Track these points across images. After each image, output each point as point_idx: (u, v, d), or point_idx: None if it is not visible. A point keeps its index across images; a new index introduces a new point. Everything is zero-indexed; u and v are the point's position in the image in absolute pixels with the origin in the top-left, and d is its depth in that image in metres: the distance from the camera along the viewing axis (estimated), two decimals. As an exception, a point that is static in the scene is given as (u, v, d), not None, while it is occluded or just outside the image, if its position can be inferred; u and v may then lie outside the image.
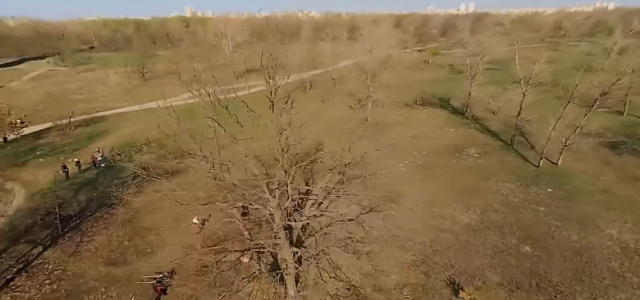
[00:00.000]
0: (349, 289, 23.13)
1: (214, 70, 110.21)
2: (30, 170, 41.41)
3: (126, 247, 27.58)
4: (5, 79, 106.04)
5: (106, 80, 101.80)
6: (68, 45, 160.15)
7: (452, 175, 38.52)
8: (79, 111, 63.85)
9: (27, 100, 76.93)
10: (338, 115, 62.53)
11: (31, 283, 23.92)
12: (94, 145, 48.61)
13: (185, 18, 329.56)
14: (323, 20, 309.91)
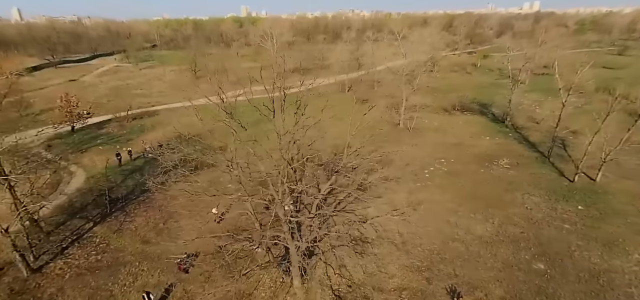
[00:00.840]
0: (350, 286, 24.28)
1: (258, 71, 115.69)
2: (91, 156, 47.34)
3: (160, 230, 31.11)
4: (79, 73, 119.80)
5: (163, 76, 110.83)
6: (133, 44, 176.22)
7: (476, 185, 37.81)
8: (136, 105, 70.97)
9: (95, 93, 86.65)
10: (372, 118, 63.02)
11: (81, 253, 28.10)
12: (146, 137, 54.13)
13: (239, 18, 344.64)
14: (373, 20, 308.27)
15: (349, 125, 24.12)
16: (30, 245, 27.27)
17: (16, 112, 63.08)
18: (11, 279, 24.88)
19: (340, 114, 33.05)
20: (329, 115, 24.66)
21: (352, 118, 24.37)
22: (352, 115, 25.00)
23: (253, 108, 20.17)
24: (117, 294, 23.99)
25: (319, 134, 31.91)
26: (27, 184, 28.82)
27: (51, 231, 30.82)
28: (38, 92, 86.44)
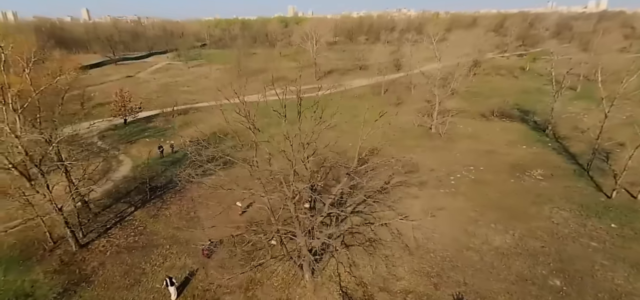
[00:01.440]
0: (358, 285, 25.14)
1: (297, 71, 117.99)
2: (138, 147, 52.06)
3: (190, 218, 33.93)
4: (135, 69, 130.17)
5: (209, 75, 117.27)
6: (185, 43, 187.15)
7: (503, 195, 36.78)
8: (181, 101, 76.34)
9: (147, 89, 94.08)
10: (404, 122, 62.88)
11: (121, 233, 31.57)
12: (187, 132, 58.24)
13: (285, 18, 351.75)
14: (419, 20, 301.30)
15: (367, 127, 24.67)
16: (80, 223, 31.11)
17: (78, 105, 70.60)
18: (62, 252, 28.69)
19: (369, 116, 33.67)
20: (357, 117, 25.52)
21: (364, 121, 24.83)
22: (371, 118, 25.46)
23: (281, 107, 21.48)
24: (148, 271, 26.81)
25: (340, 135, 32.91)
26: (80, 169, 32.88)
27: (98, 212, 34.81)
28: (99, 86, 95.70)
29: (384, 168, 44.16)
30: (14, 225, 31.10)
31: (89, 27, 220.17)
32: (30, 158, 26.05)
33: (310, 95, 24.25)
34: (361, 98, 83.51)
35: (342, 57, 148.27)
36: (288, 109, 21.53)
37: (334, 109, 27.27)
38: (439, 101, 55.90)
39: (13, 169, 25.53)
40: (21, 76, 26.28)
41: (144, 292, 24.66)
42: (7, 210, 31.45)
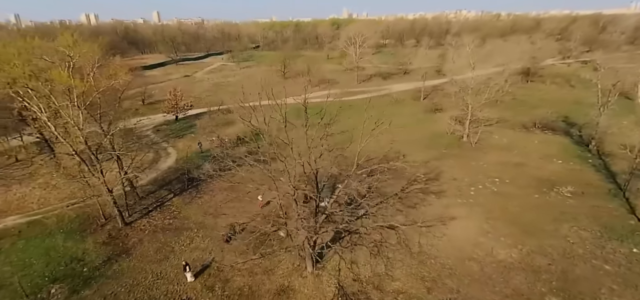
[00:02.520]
0: (355, 281, 27.02)
1: (340, 74, 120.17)
2: (184, 141, 58.02)
3: (218, 207, 37.94)
4: (193, 69, 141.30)
5: (256, 76, 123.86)
6: (239, 44, 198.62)
7: (522, 209, 36.09)
8: (227, 101, 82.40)
9: (200, 88, 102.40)
10: (437, 129, 62.62)
11: (159, 216, 36.42)
12: (228, 130, 63.43)
13: (337, 20, 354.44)
14: (477, 22, 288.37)
15: (415, 136, 26.40)
16: (127, 205, 36.49)
17: (140, 102, 79.62)
18: (111, 227, 34.02)
19: (406, 122, 34.95)
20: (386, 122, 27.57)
21: (422, 128, 26.61)
22: (423, 125, 27.12)
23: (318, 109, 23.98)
24: (176, 250, 31.02)
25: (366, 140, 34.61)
26: (130, 159, 38.37)
27: (144, 197, 40.21)
28: (159, 85, 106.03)
29: (404, 173, 45.42)
30: (75, 202, 37.39)
31: (157, 29, 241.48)
32: (89, 147, 31.45)
33: (348, 100, 26.38)
34: (399, 103, 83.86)
35: (387, 60, 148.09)
36: (315, 112, 23.67)
37: (354, 114, 28.81)
38: (472, 110, 54.92)
39: (76, 155, 31.09)
40: (85, 79, 31.78)
41: (170, 267, 28.75)
42: (71, 190, 37.77)
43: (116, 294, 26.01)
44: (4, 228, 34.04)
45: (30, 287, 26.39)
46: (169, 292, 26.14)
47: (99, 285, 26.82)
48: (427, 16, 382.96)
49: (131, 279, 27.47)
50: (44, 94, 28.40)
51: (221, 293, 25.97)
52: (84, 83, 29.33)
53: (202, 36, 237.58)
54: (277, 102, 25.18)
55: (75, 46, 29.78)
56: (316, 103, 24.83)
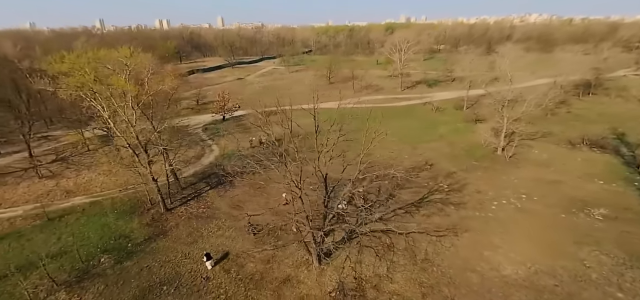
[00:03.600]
0: (355, 279, 28.95)
1: (386, 80, 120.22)
2: (227, 139, 63.48)
3: (246, 201, 41.83)
4: (246, 72, 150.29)
5: (303, 80, 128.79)
6: (292, 49, 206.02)
7: (544, 229, 35.13)
8: (272, 104, 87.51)
9: (249, 90, 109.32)
10: (474, 141, 61.40)
11: (195, 205, 41.27)
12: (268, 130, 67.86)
13: (391, 25, 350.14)
14: (544, 27, 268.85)
15: (450, 146, 28.24)
16: (170, 193, 41.79)
17: (194, 102, 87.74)
18: (154, 212, 39.42)
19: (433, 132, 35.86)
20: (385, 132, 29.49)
21: (460, 138, 28.46)
22: (461, 135, 28.90)
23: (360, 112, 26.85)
24: (205, 236, 35.30)
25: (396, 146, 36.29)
26: (176, 153, 43.81)
27: (185, 187, 45.53)
28: (214, 86, 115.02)
29: (427, 182, 46.00)
30: (127, 188, 43.64)
31: (218, 34, 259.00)
32: (139, 141, 36.98)
33: (387, 106, 28.75)
34: (440, 112, 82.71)
35: (437, 67, 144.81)
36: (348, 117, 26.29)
37: (389, 120, 30.58)
38: (507, 123, 53.34)
39: (129, 147, 36.78)
40: (140, 84, 37.47)
41: (197, 249, 32.97)
42: (126, 178, 44.09)
43: (151, 267, 30.72)
44: (72, 206, 41.09)
45: (86, 255, 32.12)
46: (192, 270, 30.26)
47: (138, 259, 31.78)
48: (488, 20, 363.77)
49: (164, 256, 32.12)
50: (105, 96, 34.24)
51: (235, 276, 29.47)
52: (136, 87, 34.69)
53: (258, 40, 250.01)
54: (303, 107, 27.91)
55: (131, 57, 35.30)
56: (358, 107, 27.16)
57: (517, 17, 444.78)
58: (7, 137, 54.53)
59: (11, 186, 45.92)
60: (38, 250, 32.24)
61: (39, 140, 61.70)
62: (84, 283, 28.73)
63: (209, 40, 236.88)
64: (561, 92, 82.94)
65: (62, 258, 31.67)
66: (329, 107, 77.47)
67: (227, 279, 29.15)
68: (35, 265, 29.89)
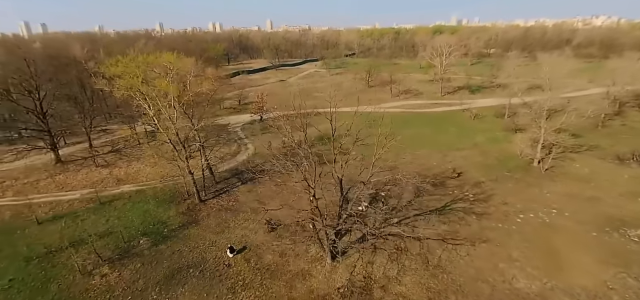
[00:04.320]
0: (364, 278, 30.14)
1: (426, 84, 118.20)
2: (263, 138, 66.92)
3: (271, 197, 44.41)
4: (288, 75, 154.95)
5: (342, 83, 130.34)
6: (335, 51, 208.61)
7: (569, 245, 33.84)
8: (310, 106, 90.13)
9: (288, 92, 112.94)
10: (510, 151, 59.34)
11: (226, 198, 44.65)
12: (297, 133, 70.50)
13: (439, 27, 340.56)
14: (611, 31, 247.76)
15: (482, 156, 29.31)
16: (204, 186, 45.54)
17: (236, 103, 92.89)
18: (190, 202, 43.27)
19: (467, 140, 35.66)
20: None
21: (494, 148, 29.47)
22: (496, 145, 29.86)
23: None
24: (231, 227, 38.32)
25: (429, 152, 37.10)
26: (212, 149, 47.59)
27: (219, 181, 49.21)
28: (256, 87, 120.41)
29: (452, 190, 45.74)
30: (168, 180, 48.15)
31: (264, 37, 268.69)
32: (179, 138, 40.94)
33: (423, 112, 30.27)
34: (478, 119, 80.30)
35: (483, 72, 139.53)
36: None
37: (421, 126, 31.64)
38: (544, 134, 51.12)
39: (170, 143, 40.86)
40: (181, 86, 41.52)
41: (223, 239, 35.99)
42: (168, 170, 48.59)
43: (181, 251, 34.18)
44: (121, 192, 46.29)
45: (128, 236, 36.40)
46: (216, 257, 33.22)
47: (172, 243, 35.43)
48: (547, 23, 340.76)
49: (194, 243, 35.50)
50: (151, 96, 38.47)
51: (254, 265, 31.96)
52: (178, 88, 38.58)
53: (303, 43, 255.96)
54: (318, 111, 29.65)
55: (175, 62, 39.29)
56: (391, 112, 28.70)
57: (580, 20, 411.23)
58: (72, 129, 62.17)
59: (72, 172, 52.59)
60: (89, 230, 37.18)
61: (98, 133, 69.33)
62: (124, 260, 32.76)
63: (257, 42, 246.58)
64: (614, 102, 77.13)
65: (108, 237, 36.21)
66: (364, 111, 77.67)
67: (247, 268, 31.70)
68: (85, 242, 34.60)
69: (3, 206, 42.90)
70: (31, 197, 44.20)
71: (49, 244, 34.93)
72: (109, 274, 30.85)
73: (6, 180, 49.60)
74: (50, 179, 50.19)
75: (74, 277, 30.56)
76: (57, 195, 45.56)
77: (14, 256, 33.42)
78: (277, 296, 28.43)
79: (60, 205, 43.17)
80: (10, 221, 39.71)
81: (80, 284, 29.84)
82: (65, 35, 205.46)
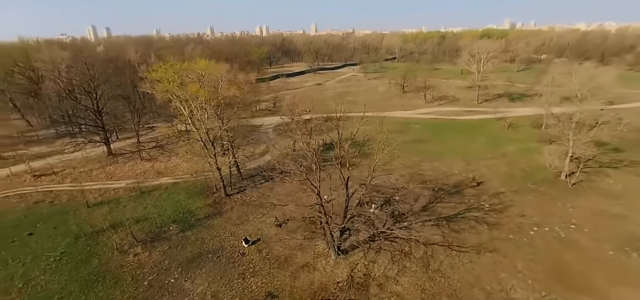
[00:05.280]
0: (364, 275, 32.00)
1: (464, 91, 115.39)
2: (288, 141, 70.37)
3: (289, 196, 47.37)
4: (325, 78, 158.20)
5: (377, 88, 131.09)
6: (375, 56, 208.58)
7: (580, 262, 33.15)
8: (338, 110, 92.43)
9: (323, 96, 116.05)
10: (540, 163, 57.56)
11: (249, 193, 48.39)
12: (327, 135, 73.08)
13: (488, 31, 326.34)
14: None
15: (510, 167, 31.05)
16: (231, 182, 49.66)
17: (272, 105, 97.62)
18: (216, 196, 47.52)
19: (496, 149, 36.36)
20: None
21: (522, 158, 31.15)
22: (525, 156, 31.50)
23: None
24: (250, 220, 41.85)
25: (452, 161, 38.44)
26: (237, 148, 51.68)
27: (245, 178, 53.19)
28: (293, 90, 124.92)
29: (468, 198, 45.89)
30: (199, 175, 52.94)
31: (306, 40, 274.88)
32: (208, 136, 45.31)
33: (460, 119, 32.35)
34: (513, 129, 77.92)
35: (526, 79, 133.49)
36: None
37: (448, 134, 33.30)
38: (573, 147, 49.30)
39: (201, 141, 45.35)
40: (214, 89, 45.92)
41: (241, 230, 39.53)
42: (199, 166, 53.42)
43: (203, 238, 38.17)
44: (159, 184, 51.79)
45: (160, 223, 41.17)
46: (233, 246, 36.77)
47: (197, 231, 39.60)
48: (609, 28, 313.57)
49: (215, 232, 39.40)
50: (185, 98, 43.13)
51: (264, 255, 35.05)
52: (207, 92, 42.91)
53: (344, 47, 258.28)
54: (337, 115, 32.09)
55: (207, 68, 43.69)
56: (422, 119, 30.69)
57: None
58: (123, 126, 69.85)
59: (121, 164, 59.43)
60: (128, 215, 42.58)
61: (146, 130, 76.80)
62: (155, 243, 37.36)
63: (299, 46, 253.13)
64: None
65: (144, 222, 41.23)
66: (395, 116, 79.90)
67: (258, 257, 34.86)
68: (124, 225, 39.78)
69: (62, 191, 49.99)
70: (84, 184, 51.00)
71: (95, 225, 40.61)
72: (141, 254, 35.49)
73: (66, 169, 57.37)
74: (101, 169, 57.28)
75: (112, 254, 35.57)
76: (106, 184, 52.08)
77: (66, 233, 39.39)
78: (281, 284, 31.22)
79: (107, 192, 49.45)
80: (66, 204, 46.39)
81: (116, 260, 34.74)
82: (125, 39, 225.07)
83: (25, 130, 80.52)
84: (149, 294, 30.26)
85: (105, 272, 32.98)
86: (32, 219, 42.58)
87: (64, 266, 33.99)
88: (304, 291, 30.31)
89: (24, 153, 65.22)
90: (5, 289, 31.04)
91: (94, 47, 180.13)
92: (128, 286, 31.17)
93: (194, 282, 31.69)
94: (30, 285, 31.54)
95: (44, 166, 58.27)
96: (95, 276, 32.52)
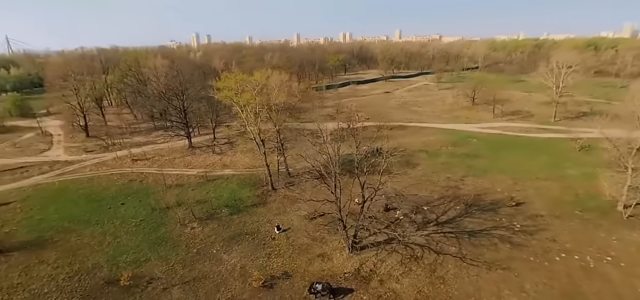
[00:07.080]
0: (370, 270, 35.64)
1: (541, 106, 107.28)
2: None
3: (324, 194, 52.44)
4: (395, 86, 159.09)
5: (445, 98, 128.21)
6: (455, 64, 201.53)
7: (598, 294, 31.99)
8: (399, 118, 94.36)
9: (387, 105, 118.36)
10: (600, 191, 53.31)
11: (292, 189, 54.79)
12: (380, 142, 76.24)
13: (594, 40, 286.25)
14: None
15: (553, 189, 34.35)
16: (278, 178, 56.77)
17: (334, 111, 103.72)
18: (264, 189, 55.03)
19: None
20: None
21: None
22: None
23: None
24: (288, 211, 48.28)
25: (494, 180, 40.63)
26: (286, 148, 58.62)
27: (293, 176, 59.89)
28: (360, 98, 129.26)
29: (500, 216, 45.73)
30: (254, 169, 61.19)
31: (383, 47, 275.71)
32: (260, 137, 53.00)
33: (525, 136, 35.44)
34: (585, 151, 71.38)
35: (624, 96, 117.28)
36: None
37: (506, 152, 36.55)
38: (632, 176, 45.22)
39: (254, 141, 53.29)
40: (268, 96, 53.57)
41: (277, 219, 46.04)
42: (255, 162, 61.67)
43: (246, 222, 45.63)
44: (223, 175, 61.45)
45: (215, 206, 49.93)
46: (267, 231, 43.45)
47: (242, 216, 47.31)
48: None
49: (256, 218, 46.60)
50: (242, 104, 51.42)
51: (291, 242, 40.97)
52: (260, 99, 50.53)
53: (422, 55, 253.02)
54: (356, 126, 36.79)
55: (261, 79, 51.44)
56: (485, 133, 33.66)
57: None
58: (203, 123, 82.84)
59: (197, 156, 71.34)
60: (192, 197, 52.33)
61: (221, 128, 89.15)
62: (208, 221, 45.97)
63: (375, 53, 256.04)
64: None
65: (203, 204, 50.52)
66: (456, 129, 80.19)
67: (285, 243, 40.87)
68: (187, 205, 49.32)
69: (150, 173, 62.83)
70: (167, 170, 63.17)
71: (167, 202, 51.05)
72: (196, 228, 44.28)
73: (156, 156, 71.23)
74: (181, 158, 69.72)
75: (175, 225, 45.10)
76: (183, 171, 63.68)
77: (146, 206, 50.60)
78: (297, 266, 36.67)
79: (182, 178, 60.69)
80: (151, 184, 58.59)
81: (177, 230, 44.03)
82: (220, 46, 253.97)
83: (132, 122, 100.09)
84: (195, 259, 38.37)
85: (168, 239, 42.32)
86: (126, 193, 55.24)
87: (141, 230, 44.38)
88: (314, 275, 35.24)
89: (128, 141, 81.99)
90: (100, 242, 42.27)
91: (194, 53, 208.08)
92: (181, 251, 39.83)
93: (230, 254, 38.98)
94: (116, 241, 42.35)
95: (140, 153, 73.11)
96: (160, 240, 42.04)
